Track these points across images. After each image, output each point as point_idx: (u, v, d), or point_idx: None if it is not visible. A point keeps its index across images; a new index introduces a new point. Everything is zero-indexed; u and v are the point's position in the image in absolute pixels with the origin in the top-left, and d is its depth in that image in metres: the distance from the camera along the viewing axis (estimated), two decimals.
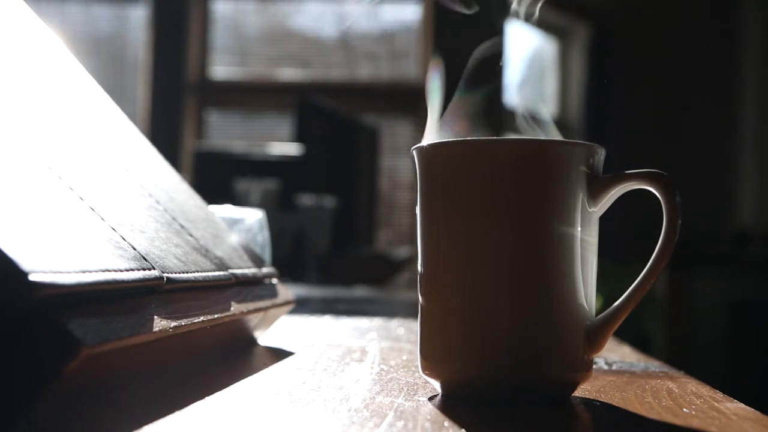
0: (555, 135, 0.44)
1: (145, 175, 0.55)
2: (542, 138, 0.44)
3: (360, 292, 1.56)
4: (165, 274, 0.41)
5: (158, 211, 0.51)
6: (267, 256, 0.70)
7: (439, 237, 0.42)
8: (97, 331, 0.32)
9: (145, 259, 0.40)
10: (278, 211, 2.08)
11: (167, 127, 3.53)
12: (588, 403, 0.41)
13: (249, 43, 3.74)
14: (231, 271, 0.53)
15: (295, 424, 0.34)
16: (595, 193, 0.41)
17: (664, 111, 3.65)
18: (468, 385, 0.41)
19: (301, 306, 0.91)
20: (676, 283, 3.20)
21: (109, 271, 0.35)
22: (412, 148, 0.43)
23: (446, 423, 0.35)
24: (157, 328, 0.37)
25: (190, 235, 0.52)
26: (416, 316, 0.44)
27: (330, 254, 2.21)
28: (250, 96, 3.66)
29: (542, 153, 0.40)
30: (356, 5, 3.63)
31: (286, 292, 0.65)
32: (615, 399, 0.41)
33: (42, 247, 0.32)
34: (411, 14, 3.67)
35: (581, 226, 0.41)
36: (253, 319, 0.57)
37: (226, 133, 3.72)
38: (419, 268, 0.43)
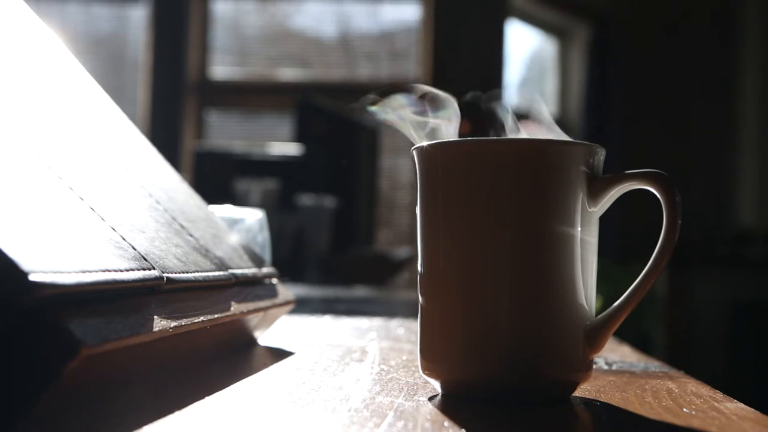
0: (559, 134, 0.44)
1: (145, 175, 0.55)
2: (542, 138, 0.44)
3: (360, 292, 1.56)
4: (165, 274, 0.41)
5: (158, 211, 0.51)
6: (267, 256, 0.70)
7: (439, 237, 0.42)
8: (97, 331, 0.32)
9: (145, 259, 0.40)
10: (278, 211, 2.09)
11: (167, 127, 3.53)
12: (588, 403, 0.41)
13: (249, 43, 3.74)
14: (231, 271, 0.53)
15: (295, 424, 0.34)
16: (595, 193, 0.41)
17: (663, 111, 3.65)
18: (468, 385, 0.41)
19: (301, 306, 0.91)
20: (676, 283, 3.20)
21: (109, 271, 0.35)
22: (412, 148, 0.43)
23: (446, 423, 0.35)
24: (157, 328, 0.37)
25: (190, 235, 0.52)
26: (416, 316, 0.44)
27: (330, 254, 2.21)
28: (250, 96, 3.66)
29: (542, 153, 0.40)
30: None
31: (286, 292, 0.65)
32: (615, 399, 0.41)
33: (42, 247, 0.32)
34: (411, 14, 3.67)
35: (581, 226, 0.41)
36: (253, 319, 0.57)
37: (226, 133, 3.72)
38: (419, 268, 0.43)
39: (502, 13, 3.55)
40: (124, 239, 0.40)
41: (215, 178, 2.42)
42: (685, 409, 0.39)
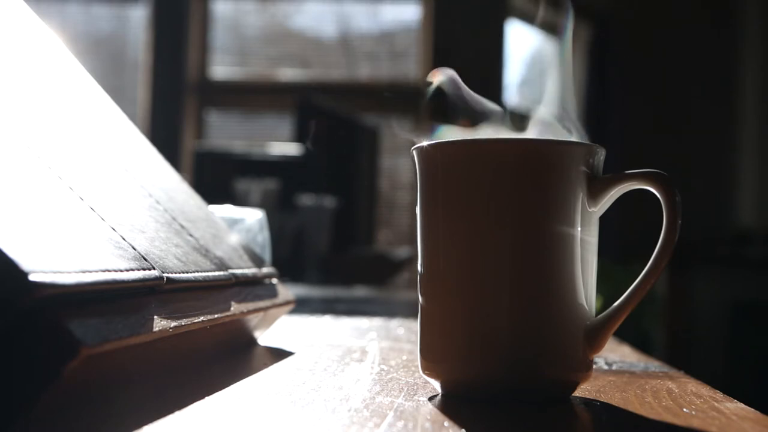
0: (559, 134, 0.44)
1: (145, 175, 0.55)
2: (542, 138, 0.44)
3: (360, 292, 1.56)
4: (165, 274, 0.41)
5: (158, 211, 0.51)
6: (267, 256, 0.70)
7: (439, 237, 0.42)
8: (97, 331, 0.32)
9: (145, 259, 0.40)
10: (278, 211, 2.09)
11: (167, 127, 3.53)
12: (588, 403, 0.41)
13: (249, 43, 3.74)
14: (231, 271, 0.53)
15: (295, 424, 0.34)
16: (595, 193, 0.41)
17: (664, 111, 3.65)
18: (468, 385, 0.41)
19: (301, 306, 0.91)
20: (676, 283, 3.20)
21: (109, 271, 0.35)
22: (412, 148, 0.43)
23: (446, 423, 0.35)
24: (157, 328, 0.37)
25: (190, 235, 0.52)
26: (416, 316, 0.44)
27: (330, 254, 2.21)
28: (250, 96, 3.66)
29: (542, 153, 0.40)
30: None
31: (286, 292, 0.65)
32: (615, 399, 0.41)
33: (42, 247, 0.32)
34: (411, 14, 3.67)
35: (581, 227, 0.41)
36: (253, 319, 0.57)
37: (226, 133, 3.72)
38: (419, 268, 0.43)
39: (502, 13, 3.55)
40: (124, 239, 0.40)
41: (215, 178, 2.42)
42: (685, 409, 0.39)
